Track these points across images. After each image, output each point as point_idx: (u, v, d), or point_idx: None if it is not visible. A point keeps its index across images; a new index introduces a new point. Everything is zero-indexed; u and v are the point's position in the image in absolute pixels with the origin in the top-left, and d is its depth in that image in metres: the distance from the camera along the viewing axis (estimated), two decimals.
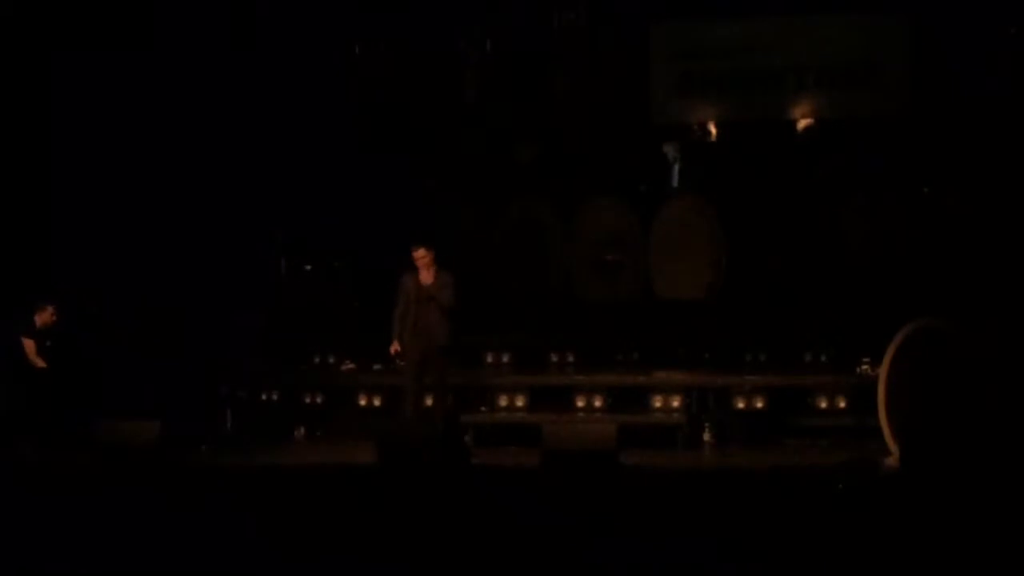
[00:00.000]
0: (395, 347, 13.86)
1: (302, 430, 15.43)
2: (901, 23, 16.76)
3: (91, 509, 10.81)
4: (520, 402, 14.76)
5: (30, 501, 11.17)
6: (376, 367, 15.56)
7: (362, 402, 15.26)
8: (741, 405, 14.31)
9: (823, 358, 15.11)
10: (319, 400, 15.52)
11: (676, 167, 17.24)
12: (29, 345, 14.43)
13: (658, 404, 14.43)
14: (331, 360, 16.09)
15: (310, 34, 17.35)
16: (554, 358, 15.99)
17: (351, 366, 15.89)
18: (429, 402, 14.07)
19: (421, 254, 13.72)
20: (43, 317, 14.55)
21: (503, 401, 14.79)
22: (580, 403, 14.65)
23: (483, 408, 14.89)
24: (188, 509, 10.93)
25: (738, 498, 11.08)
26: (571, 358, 15.92)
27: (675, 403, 14.38)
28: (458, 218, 17.18)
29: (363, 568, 8.98)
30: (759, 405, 14.28)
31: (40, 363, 14.37)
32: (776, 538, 9.33)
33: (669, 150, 17.17)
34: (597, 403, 14.61)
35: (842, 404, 14.15)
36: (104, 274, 15.51)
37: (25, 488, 11.94)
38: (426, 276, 13.75)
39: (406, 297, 13.78)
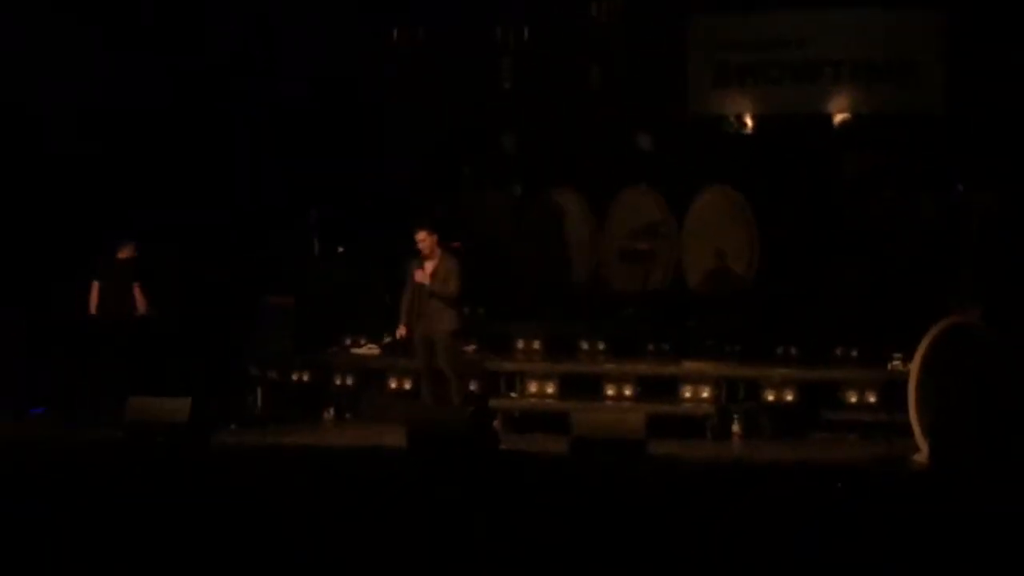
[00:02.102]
0: (401, 331, 13.98)
1: (331, 412, 15.45)
2: (938, 19, 16.71)
3: (118, 485, 10.90)
4: (550, 389, 14.77)
5: (56, 475, 11.26)
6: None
7: (392, 385, 15.27)
8: (771, 398, 14.26)
9: (854, 353, 15.04)
10: (349, 382, 15.54)
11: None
12: (95, 288, 14.54)
13: (687, 394, 14.43)
14: (362, 342, 16.09)
15: (345, 18, 17.41)
16: (584, 346, 15.97)
17: (371, 347, 15.88)
18: None
19: (421, 237, 13.70)
20: (126, 252, 14.66)
21: (533, 387, 14.79)
22: (610, 391, 14.64)
23: (513, 394, 14.91)
24: (214, 488, 11.00)
25: (764, 491, 11.09)
26: (602, 346, 15.89)
27: (704, 394, 14.37)
28: (488, 205, 17.16)
29: (388, 551, 9.01)
30: (789, 398, 14.24)
31: (94, 308, 14.49)
32: (798, 532, 9.34)
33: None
34: (627, 392, 14.59)
35: (872, 399, 14.08)
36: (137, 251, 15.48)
37: (51, 462, 12.04)
38: (426, 263, 13.76)
39: (411, 282, 13.83)
